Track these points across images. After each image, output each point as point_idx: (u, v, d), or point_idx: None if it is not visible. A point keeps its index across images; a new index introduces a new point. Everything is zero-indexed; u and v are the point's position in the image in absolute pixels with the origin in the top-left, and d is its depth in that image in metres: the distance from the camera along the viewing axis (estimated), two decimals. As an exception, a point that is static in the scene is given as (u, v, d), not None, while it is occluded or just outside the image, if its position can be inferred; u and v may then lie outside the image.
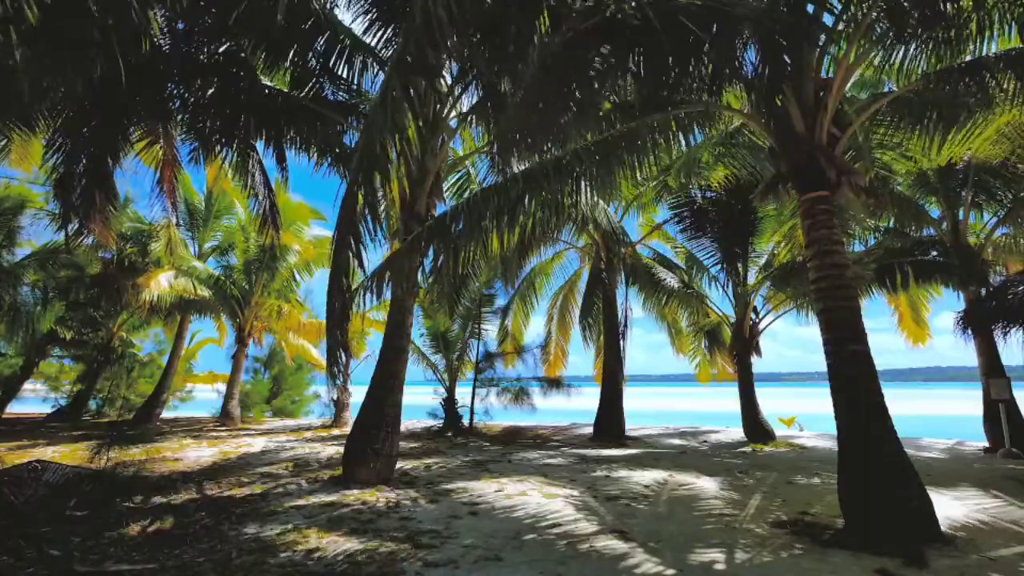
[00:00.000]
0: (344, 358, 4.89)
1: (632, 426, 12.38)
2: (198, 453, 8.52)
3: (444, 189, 8.07)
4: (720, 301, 13.17)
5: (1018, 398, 8.89)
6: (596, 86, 4.82)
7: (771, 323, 11.48)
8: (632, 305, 13.45)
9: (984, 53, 5.40)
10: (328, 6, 7.08)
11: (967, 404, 12.62)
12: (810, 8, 4.83)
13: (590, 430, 11.59)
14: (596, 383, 13.46)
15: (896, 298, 13.16)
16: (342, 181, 8.48)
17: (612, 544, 4.03)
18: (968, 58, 5.50)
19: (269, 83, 7.83)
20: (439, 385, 12.95)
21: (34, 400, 16.27)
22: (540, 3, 5.00)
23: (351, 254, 4.56)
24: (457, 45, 5.05)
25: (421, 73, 4.05)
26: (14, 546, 3.78)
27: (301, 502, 5.27)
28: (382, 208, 7.56)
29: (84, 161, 6.79)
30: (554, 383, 13.38)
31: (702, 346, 13.80)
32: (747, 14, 4.02)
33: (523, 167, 5.88)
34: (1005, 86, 5.27)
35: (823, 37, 5.01)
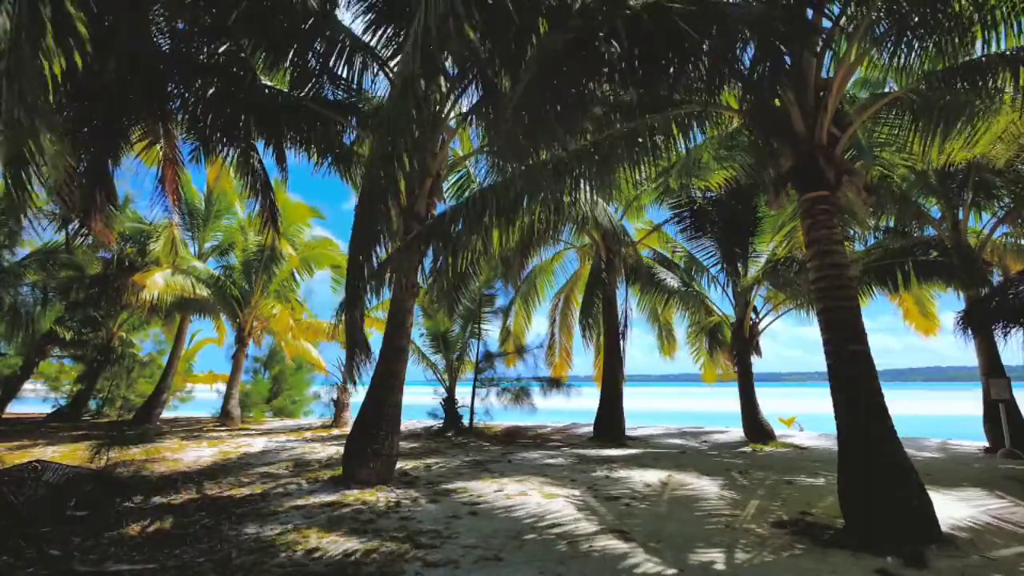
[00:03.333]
0: (364, 359, 5.31)
1: (632, 426, 12.38)
2: (198, 453, 8.52)
3: (444, 189, 8.06)
4: (720, 301, 13.18)
5: (1018, 398, 8.89)
6: (592, 89, 4.81)
7: (771, 323, 11.49)
8: (632, 305, 13.47)
9: (990, 51, 5.29)
10: (328, 6, 7.07)
11: (967, 404, 12.62)
12: (809, 13, 4.82)
13: (590, 430, 11.58)
14: (595, 383, 13.46)
15: (898, 296, 13.14)
16: (342, 181, 8.50)
17: (612, 544, 4.03)
18: (970, 58, 5.43)
19: (269, 83, 7.83)
20: (439, 385, 12.94)
21: (34, 400, 16.27)
22: (539, 3, 4.98)
23: (367, 265, 4.87)
24: (461, 45, 5.03)
25: (425, 70, 4.02)
26: (14, 546, 3.78)
27: (301, 502, 5.27)
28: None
29: (85, 160, 6.79)
30: (554, 383, 13.38)
31: (703, 346, 13.81)
32: (744, 16, 4.01)
33: (522, 167, 5.86)
34: (1005, 86, 5.23)
35: (823, 38, 4.99)
